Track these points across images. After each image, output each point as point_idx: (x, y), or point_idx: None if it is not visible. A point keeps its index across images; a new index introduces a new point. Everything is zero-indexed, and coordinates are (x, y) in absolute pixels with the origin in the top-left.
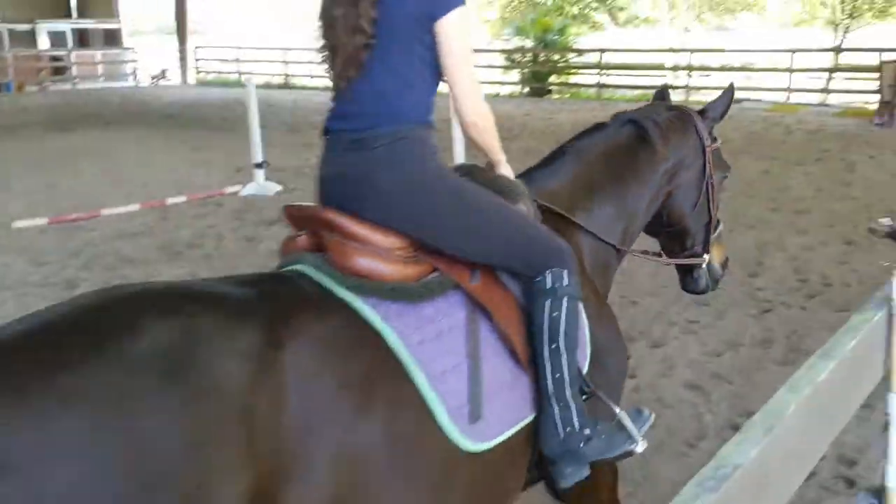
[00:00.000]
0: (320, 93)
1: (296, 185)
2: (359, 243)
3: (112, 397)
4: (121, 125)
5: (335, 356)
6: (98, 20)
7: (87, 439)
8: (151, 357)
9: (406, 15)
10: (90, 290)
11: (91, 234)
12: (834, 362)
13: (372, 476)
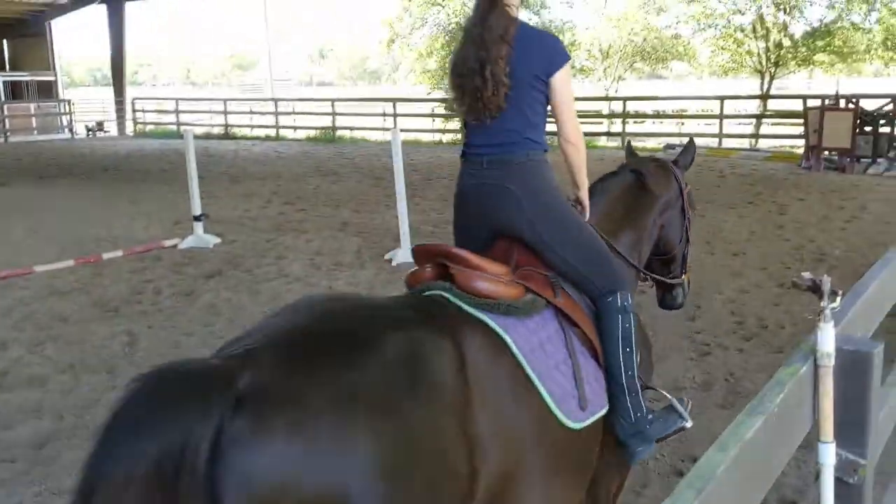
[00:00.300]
0: (261, 142)
1: (236, 237)
2: (477, 271)
3: (381, 393)
4: (55, 179)
5: (490, 359)
6: (32, 72)
7: (368, 428)
8: (397, 361)
9: (530, 71)
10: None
11: (23, 293)
12: (761, 419)
13: (520, 448)
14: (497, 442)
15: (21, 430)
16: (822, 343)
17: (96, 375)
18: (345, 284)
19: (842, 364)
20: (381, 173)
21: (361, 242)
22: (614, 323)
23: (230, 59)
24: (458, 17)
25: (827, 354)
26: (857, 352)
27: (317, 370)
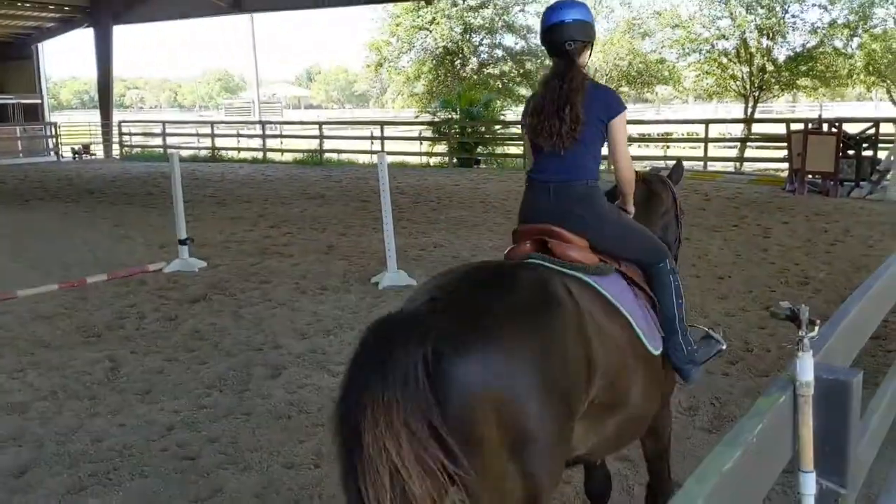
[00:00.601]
0: (248, 165)
1: (221, 261)
2: (568, 244)
3: (531, 315)
4: (41, 201)
5: (590, 297)
6: (18, 95)
7: (528, 340)
8: (534, 293)
9: (595, 115)
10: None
11: (4, 318)
12: (740, 450)
13: (621, 356)
14: (604, 347)
15: (1, 458)
16: (800, 372)
17: (78, 402)
18: (330, 308)
19: (821, 393)
20: (368, 196)
21: (347, 266)
22: (668, 281)
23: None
24: (444, 42)
25: (806, 384)
26: (836, 381)
27: (485, 305)
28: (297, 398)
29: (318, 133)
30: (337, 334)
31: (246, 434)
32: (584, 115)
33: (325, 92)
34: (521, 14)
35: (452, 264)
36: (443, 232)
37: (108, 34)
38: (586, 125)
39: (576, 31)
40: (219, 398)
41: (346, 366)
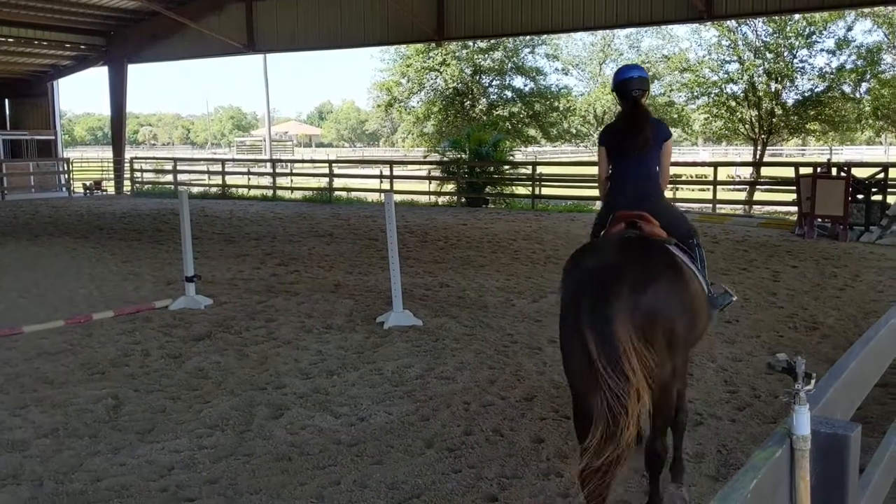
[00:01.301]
0: (257, 202)
1: (227, 299)
2: (650, 224)
3: (664, 266)
4: (50, 237)
5: (677, 260)
6: (32, 131)
7: (668, 280)
8: (661, 253)
9: (655, 138)
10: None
11: (9, 353)
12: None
13: (698, 296)
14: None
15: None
16: (797, 426)
17: (79, 440)
18: (335, 348)
19: (819, 447)
20: (376, 234)
21: (353, 305)
22: (698, 251)
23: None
24: (454, 83)
25: (802, 438)
26: (834, 435)
27: (644, 262)
28: (298, 439)
29: (327, 171)
30: (340, 374)
31: (246, 475)
32: (651, 137)
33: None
34: (529, 56)
35: (459, 305)
36: (449, 272)
37: (122, 72)
38: (650, 143)
39: (638, 84)
40: (220, 438)
41: (584, 291)
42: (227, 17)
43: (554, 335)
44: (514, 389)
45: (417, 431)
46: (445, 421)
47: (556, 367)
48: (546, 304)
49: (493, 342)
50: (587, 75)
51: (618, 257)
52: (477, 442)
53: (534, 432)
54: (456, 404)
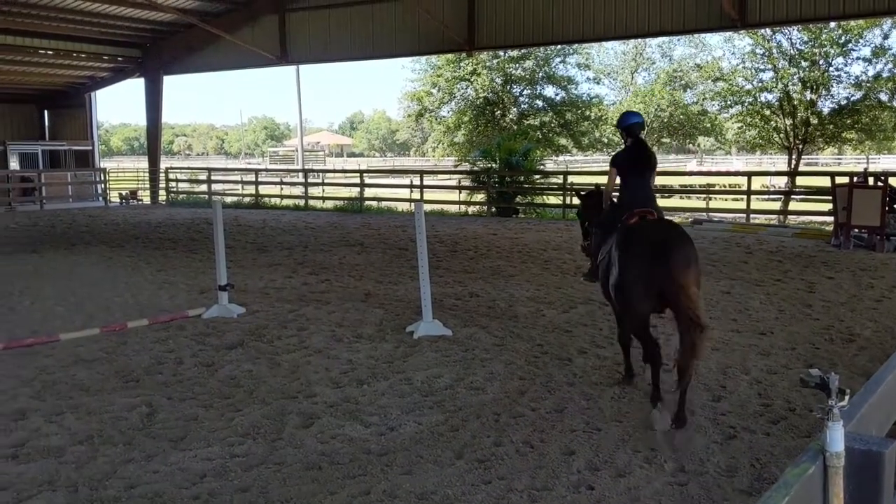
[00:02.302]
0: (290, 212)
1: (259, 307)
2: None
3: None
4: (87, 246)
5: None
6: (70, 142)
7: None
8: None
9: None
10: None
11: (46, 361)
12: None
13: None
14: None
15: (35, 502)
16: (830, 443)
17: (113, 447)
18: (365, 357)
19: (853, 464)
20: (406, 244)
21: (383, 314)
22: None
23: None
24: (485, 93)
25: (836, 455)
26: (869, 451)
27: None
28: (328, 448)
29: (358, 181)
30: (370, 384)
31: (277, 484)
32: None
33: (366, 140)
34: (561, 65)
35: (489, 315)
36: (479, 281)
37: (158, 84)
38: (653, 166)
39: (640, 126)
40: (252, 447)
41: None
42: (260, 28)
43: (584, 346)
44: (544, 401)
45: (447, 442)
46: (475, 432)
47: (586, 378)
48: (576, 314)
49: (523, 353)
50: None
51: (674, 229)
52: (507, 453)
53: (564, 444)
54: (486, 415)
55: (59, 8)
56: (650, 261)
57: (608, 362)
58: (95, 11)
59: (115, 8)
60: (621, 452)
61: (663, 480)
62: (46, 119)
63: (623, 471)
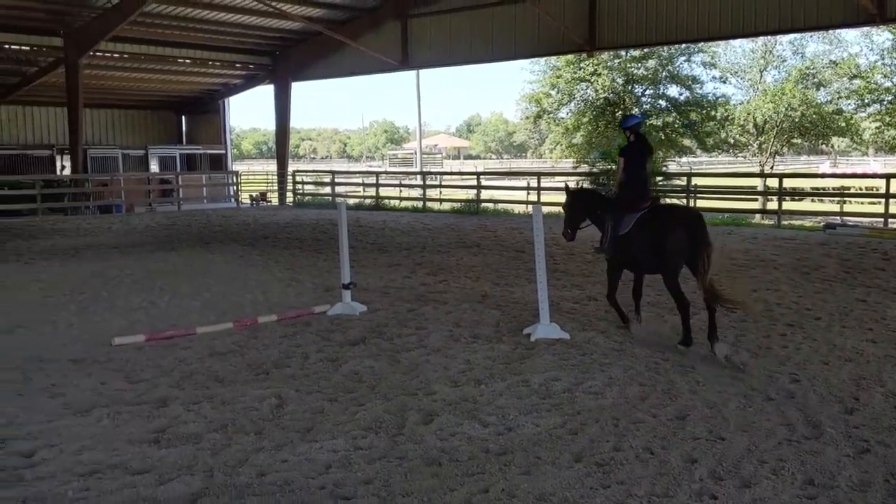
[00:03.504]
0: (408, 213)
1: (380, 306)
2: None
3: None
4: (220, 245)
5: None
6: (205, 146)
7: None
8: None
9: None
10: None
11: (184, 352)
12: None
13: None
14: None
15: (174, 486)
16: None
17: (246, 436)
18: (482, 358)
19: None
20: (523, 246)
21: (500, 316)
22: None
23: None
24: (605, 93)
25: None
26: None
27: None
28: (448, 445)
29: (475, 183)
30: (488, 384)
31: (398, 478)
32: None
33: (483, 142)
34: (685, 64)
35: (608, 319)
36: (598, 285)
37: (286, 90)
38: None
39: (642, 123)
40: (374, 440)
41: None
42: (383, 34)
43: (707, 353)
44: (665, 407)
45: (566, 445)
46: (594, 436)
47: (710, 385)
48: (699, 321)
49: (644, 358)
50: (747, 83)
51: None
52: (626, 459)
53: (686, 452)
54: (605, 419)
55: (196, 19)
56: (684, 233)
57: (731, 370)
58: (230, 21)
59: (248, 18)
60: (746, 463)
61: (791, 493)
62: (184, 124)
63: (748, 481)
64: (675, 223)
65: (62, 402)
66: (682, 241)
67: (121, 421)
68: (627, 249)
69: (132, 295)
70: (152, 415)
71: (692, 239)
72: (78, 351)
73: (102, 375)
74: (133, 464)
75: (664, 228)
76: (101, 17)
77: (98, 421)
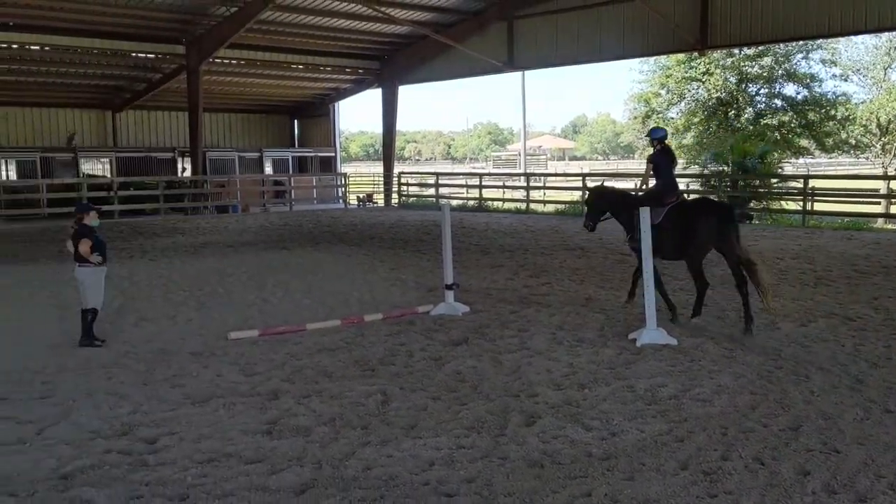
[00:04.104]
0: (510, 215)
1: (482, 307)
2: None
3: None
4: (329, 244)
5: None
6: (316, 149)
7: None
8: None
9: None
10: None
11: (295, 348)
12: None
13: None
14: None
15: (286, 475)
16: None
17: (353, 430)
18: (586, 361)
19: None
20: (629, 250)
21: (605, 320)
22: None
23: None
24: (717, 93)
25: None
26: None
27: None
28: (550, 448)
29: (580, 184)
30: (592, 388)
31: (501, 478)
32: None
33: (589, 143)
34: (803, 62)
35: (718, 325)
36: (707, 290)
37: (393, 93)
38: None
39: (666, 136)
40: (476, 440)
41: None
42: (488, 36)
43: (824, 363)
44: (777, 417)
45: (671, 452)
46: (701, 444)
47: (825, 396)
48: (815, 328)
49: (755, 366)
50: (870, 81)
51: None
52: (735, 468)
53: (798, 464)
54: (713, 428)
55: (309, 25)
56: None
57: (849, 380)
58: (340, 27)
59: (358, 23)
60: (863, 476)
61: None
62: (296, 128)
63: (864, 496)
64: (707, 212)
65: (182, 393)
66: (712, 227)
67: (236, 412)
68: (657, 238)
69: (246, 291)
70: (265, 407)
71: (721, 225)
72: (196, 344)
73: (219, 368)
74: (247, 453)
75: (697, 216)
76: (220, 24)
77: (215, 411)
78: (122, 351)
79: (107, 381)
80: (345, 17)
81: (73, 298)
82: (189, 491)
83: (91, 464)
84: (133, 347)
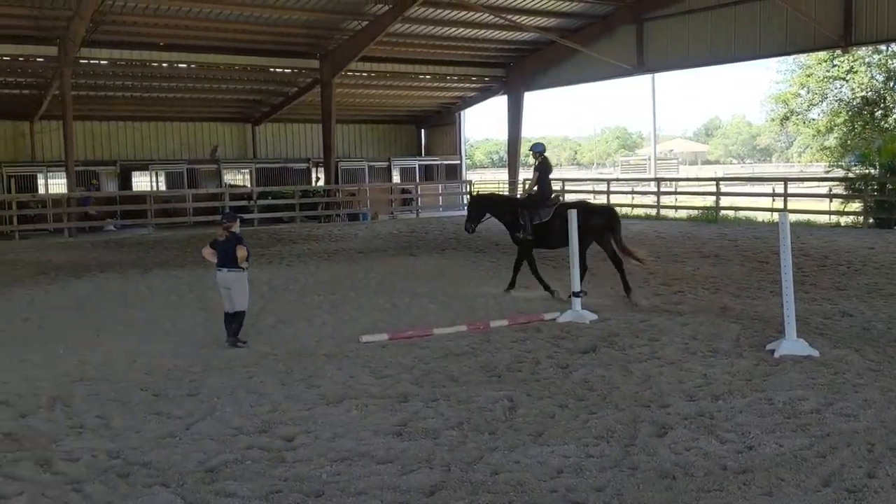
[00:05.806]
0: (640, 221)
1: (611, 315)
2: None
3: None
4: (454, 251)
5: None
6: (442, 157)
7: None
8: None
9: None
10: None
11: (423, 352)
12: None
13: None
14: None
15: (416, 476)
16: None
17: (480, 435)
18: (720, 372)
19: None
20: (766, 257)
21: (741, 329)
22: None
23: (616, 140)
24: (863, 91)
25: None
26: None
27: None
28: (682, 460)
29: (714, 189)
30: (727, 400)
31: (631, 488)
32: None
33: (723, 146)
34: None
35: (863, 337)
36: (853, 300)
37: (519, 100)
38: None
39: (544, 149)
40: (606, 449)
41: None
42: (617, 39)
43: None
44: None
45: (812, 468)
46: (845, 460)
47: None
48: None
49: None
50: None
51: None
52: (882, 486)
53: None
54: (858, 444)
55: (436, 36)
56: (600, 218)
57: None
58: (466, 37)
59: (484, 32)
60: None
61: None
62: (423, 137)
63: None
64: (594, 212)
65: (318, 393)
66: (598, 224)
67: (367, 412)
68: (543, 233)
69: (376, 296)
70: (395, 409)
71: (605, 223)
72: (330, 346)
73: (351, 370)
74: (378, 453)
75: (586, 216)
76: (352, 38)
77: (348, 411)
78: (262, 352)
79: (248, 381)
80: (471, 27)
81: (217, 301)
82: (324, 488)
83: (234, 458)
84: (272, 349)
